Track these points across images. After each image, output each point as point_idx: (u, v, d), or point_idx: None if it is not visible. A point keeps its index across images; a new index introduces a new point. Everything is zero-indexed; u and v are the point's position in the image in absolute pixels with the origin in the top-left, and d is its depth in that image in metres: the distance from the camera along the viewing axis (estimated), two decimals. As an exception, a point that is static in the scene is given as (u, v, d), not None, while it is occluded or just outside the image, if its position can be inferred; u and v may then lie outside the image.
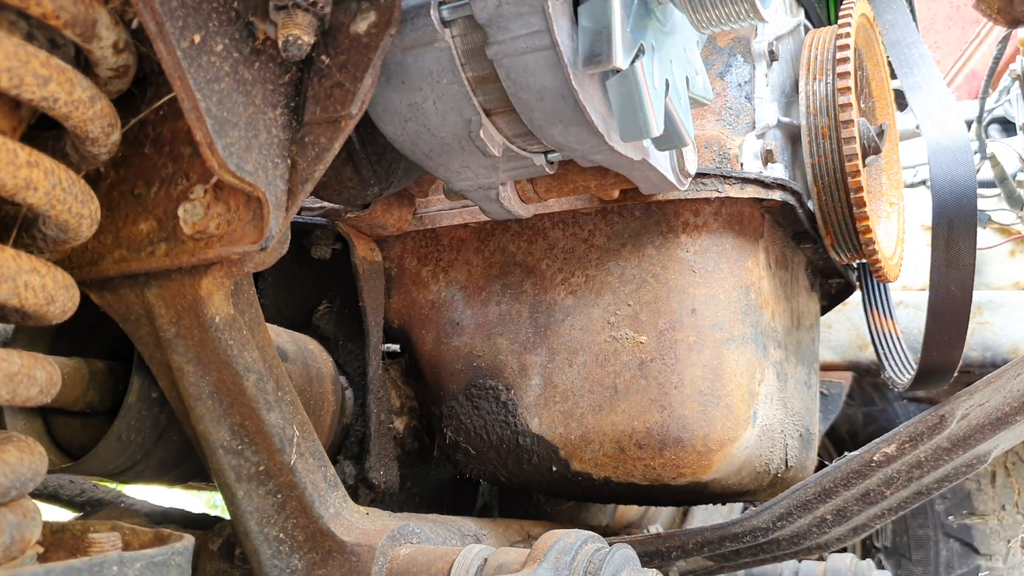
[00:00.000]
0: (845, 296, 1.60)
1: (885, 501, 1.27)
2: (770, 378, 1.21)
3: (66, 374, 0.92)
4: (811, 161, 1.21)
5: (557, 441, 1.19)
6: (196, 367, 0.83)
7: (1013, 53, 2.81)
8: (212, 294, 0.81)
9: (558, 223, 1.22)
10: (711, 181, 1.13)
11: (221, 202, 0.77)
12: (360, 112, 0.74)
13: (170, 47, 0.65)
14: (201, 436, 0.85)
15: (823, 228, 1.24)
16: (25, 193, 0.59)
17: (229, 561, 0.98)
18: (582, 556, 0.77)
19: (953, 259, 1.18)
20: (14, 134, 0.66)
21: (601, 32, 0.72)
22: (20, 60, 0.57)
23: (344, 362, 1.26)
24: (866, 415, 2.68)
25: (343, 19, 0.74)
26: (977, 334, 2.40)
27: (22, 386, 0.61)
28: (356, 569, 0.83)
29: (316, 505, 0.85)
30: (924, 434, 1.24)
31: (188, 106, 0.67)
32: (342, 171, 0.99)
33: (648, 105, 0.75)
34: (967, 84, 4.14)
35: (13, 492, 0.60)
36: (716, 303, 1.14)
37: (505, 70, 0.75)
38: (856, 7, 1.29)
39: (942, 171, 1.20)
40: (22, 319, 0.65)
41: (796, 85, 1.28)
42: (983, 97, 2.83)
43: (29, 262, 0.61)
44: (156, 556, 0.64)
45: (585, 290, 1.19)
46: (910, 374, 1.39)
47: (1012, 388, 1.18)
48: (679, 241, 1.15)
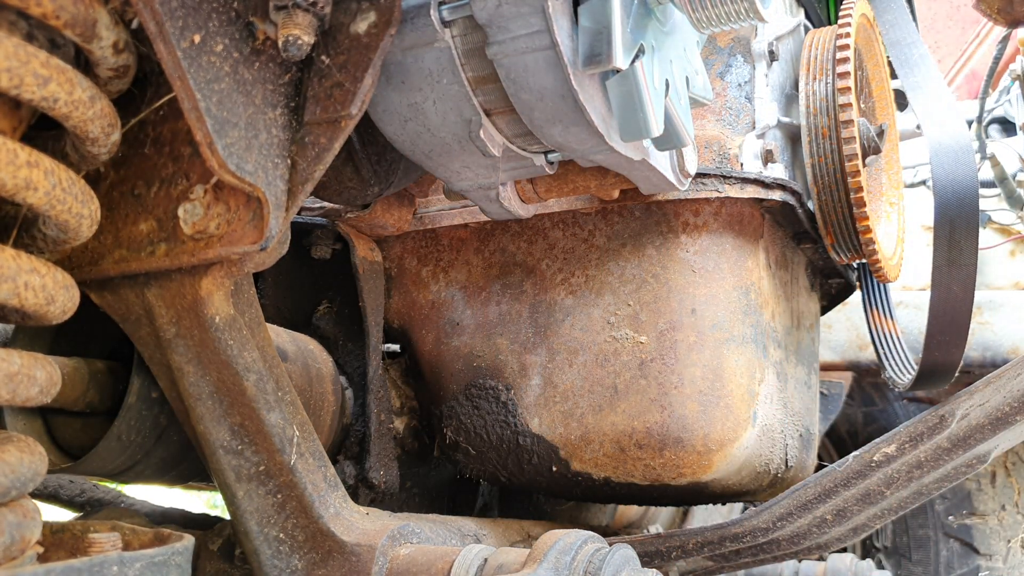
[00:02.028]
0: (845, 296, 1.60)
1: (885, 501, 1.27)
2: (770, 378, 1.21)
3: (66, 374, 0.92)
4: (811, 161, 1.21)
5: (557, 441, 1.19)
6: (196, 367, 0.83)
7: (1013, 53, 2.81)
8: (212, 294, 0.81)
9: (558, 223, 1.22)
10: (711, 181, 1.13)
11: (221, 202, 0.77)
12: (360, 112, 0.74)
13: (170, 47, 0.65)
14: (201, 436, 0.85)
15: (823, 228, 1.24)
16: (25, 193, 0.59)
17: (229, 561, 0.98)
18: (582, 556, 0.77)
19: (955, 259, 1.18)
20: (14, 134, 0.66)
21: (601, 32, 0.72)
22: (20, 60, 0.57)
23: (344, 362, 1.26)
24: (866, 415, 2.68)
25: (343, 19, 0.74)
26: (977, 334, 2.40)
27: (22, 386, 0.61)
28: (356, 569, 0.83)
29: (316, 505, 0.85)
30: (924, 434, 1.24)
31: (188, 106, 0.67)
32: (342, 171, 0.99)
33: (648, 105, 0.75)
34: (967, 84, 4.14)
35: (13, 492, 0.60)
36: (716, 303, 1.14)
37: (505, 70, 0.75)
38: (856, 7, 1.29)
39: (944, 171, 1.20)
40: (22, 319, 0.65)
41: (796, 85, 1.28)
42: (983, 97, 2.83)
43: (29, 262, 0.61)
44: (156, 556, 0.64)
45: (585, 290, 1.19)
46: (910, 374, 1.39)
47: (1012, 388, 1.18)
48: (679, 241, 1.15)
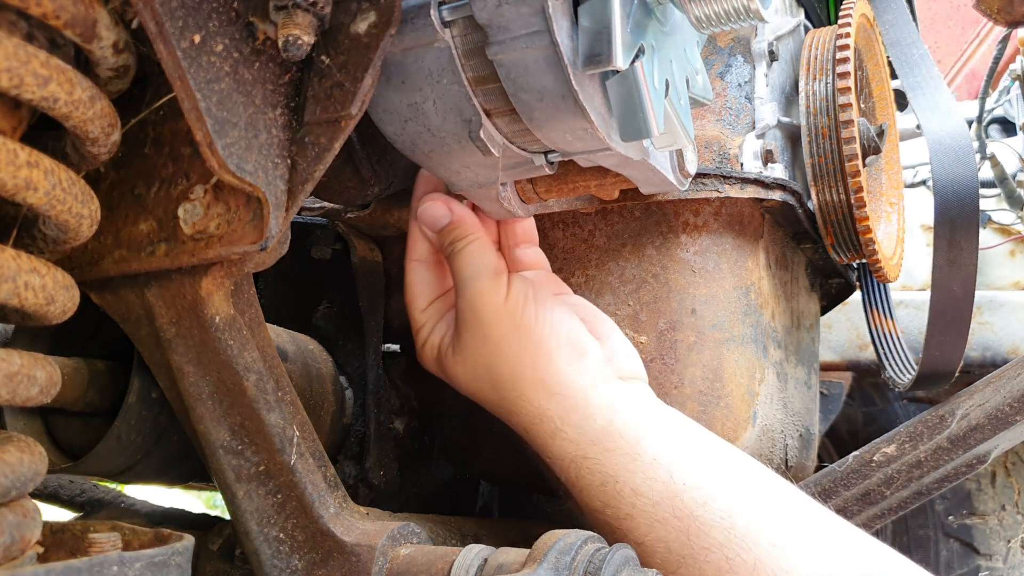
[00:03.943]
0: (845, 296, 1.60)
1: (885, 501, 1.27)
2: (770, 378, 1.21)
3: (66, 374, 0.92)
4: (811, 161, 1.21)
5: (557, 441, 1.19)
6: (196, 367, 0.83)
7: (1013, 53, 2.81)
8: (212, 294, 0.81)
9: (558, 223, 1.22)
10: (711, 181, 1.13)
11: (221, 202, 0.76)
12: (360, 112, 0.74)
13: (170, 47, 0.65)
14: (201, 436, 0.85)
15: (823, 228, 1.24)
16: (25, 193, 0.59)
17: (229, 561, 0.98)
18: (582, 556, 0.77)
19: (955, 259, 1.19)
20: (14, 134, 0.66)
21: (601, 32, 0.72)
22: (20, 60, 0.57)
23: (344, 362, 1.26)
24: (866, 415, 2.67)
25: (343, 19, 0.74)
26: (977, 334, 2.40)
27: (22, 386, 0.61)
28: (356, 569, 0.83)
29: (316, 505, 0.85)
30: (924, 434, 1.24)
31: (188, 106, 0.67)
32: (342, 171, 0.99)
33: (648, 105, 0.75)
34: (967, 84, 4.14)
35: (13, 492, 0.60)
36: (716, 303, 1.14)
37: (505, 70, 0.75)
38: (856, 7, 1.28)
39: (944, 171, 1.21)
40: (22, 319, 0.65)
41: (796, 85, 1.28)
42: (983, 97, 2.83)
43: (29, 262, 0.61)
44: (156, 556, 0.64)
45: (585, 290, 1.19)
46: (910, 374, 1.39)
47: (1012, 388, 1.19)
48: (679, 241, 1.15)
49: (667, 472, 0.91)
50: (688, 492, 0.89)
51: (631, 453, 0.92)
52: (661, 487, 0.90)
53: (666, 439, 0.94)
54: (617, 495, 0.92)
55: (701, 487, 0.90)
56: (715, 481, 0.91)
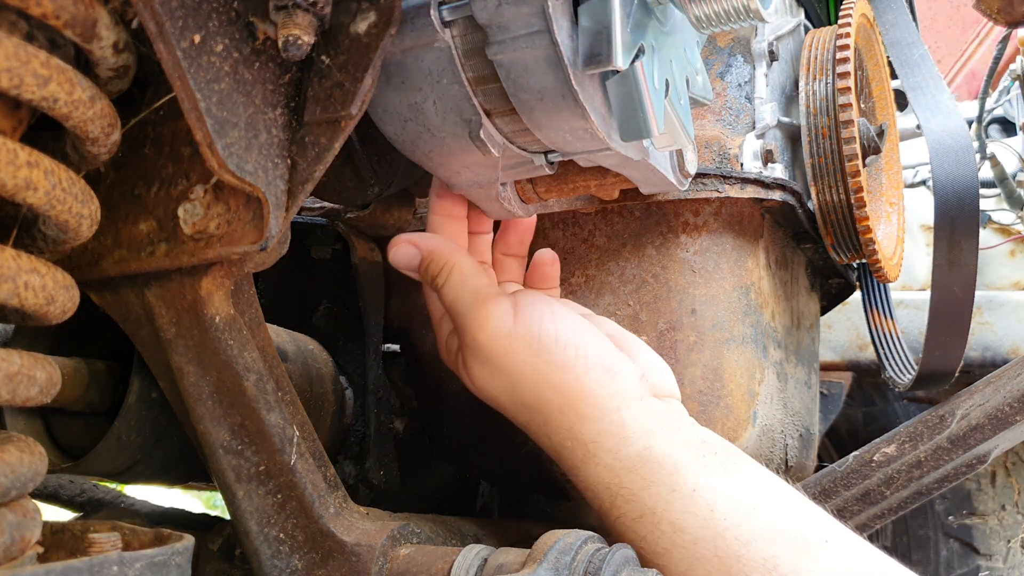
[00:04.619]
0: (845, 296, 1.60)
1: (885, 501, 1.27)
2: (770, 378, 1.21)
3: (66, 374, 0.92)
4: (811, 161, 1.21)
5: (557, 441, 1.19)
6: (196, 367, 0.83)
7: (1013, 53, 2.81)
8: (212, 294, 0.81)
9: (558, 223, 1.22)
10: (711, 181, 1.13)
11: (221, 202, 0.76)
12: (360, 112, 0.74)
13: (170, 47, 0.65)
14: (201, 436, 0.85)
15: (823, 228, 1.24)
16: (25, 193, 0.59)
17: (229, 561, 0.98)
18: (582, 556, 0.77)
19: (955, 259, 1.19)
20: (14, 134, 0.66)
21: (601, 32, 0.72)
22: (20, 60, 0.57)
23: (344, 362, 1.26)
24: (866, 415, 2.67)
25: (343, 19, 0.74)
26: (977, 334, 2.40)
27: (22, 386, 0.61)
28: (356, 569, 0.83)
29: (316, 505, 0.85)
30: (924, 434, 1.24)
31: (188, 106, 0.67)
32: (342, 171, 0.99)
33: (648, 105, 0.75)
34: (967, 84, 4.14)
35: (13, 492, 0.60)
36: (716, 303, 1.14)
37: (505, 70, 0.75)
38: (856, 7, 1.28)
39: (944, 171, 1.20)
40: (22, 319, 0.65)
41: (796, 85, 1.28)
42: (983, 97, 2.83)
43: (29, 262, 0.61)
44: (156, 556, 0.64)
45: (585, 290, 1.19)
46: (911, 374, 1.39)
47: (1012, 388, 1.19)
48: (679, 241, 1.15)
49: (708, 507, 0.85)
50: (731, 531, 0.85)
51: (669, 483, 0.87)
52: (701, 522, 0.86)
53: (706, 469, 0.87)
54: (655, 528, 0.87)
55: (742, 525, 0.85)
56: (758, 520, 0.86)
